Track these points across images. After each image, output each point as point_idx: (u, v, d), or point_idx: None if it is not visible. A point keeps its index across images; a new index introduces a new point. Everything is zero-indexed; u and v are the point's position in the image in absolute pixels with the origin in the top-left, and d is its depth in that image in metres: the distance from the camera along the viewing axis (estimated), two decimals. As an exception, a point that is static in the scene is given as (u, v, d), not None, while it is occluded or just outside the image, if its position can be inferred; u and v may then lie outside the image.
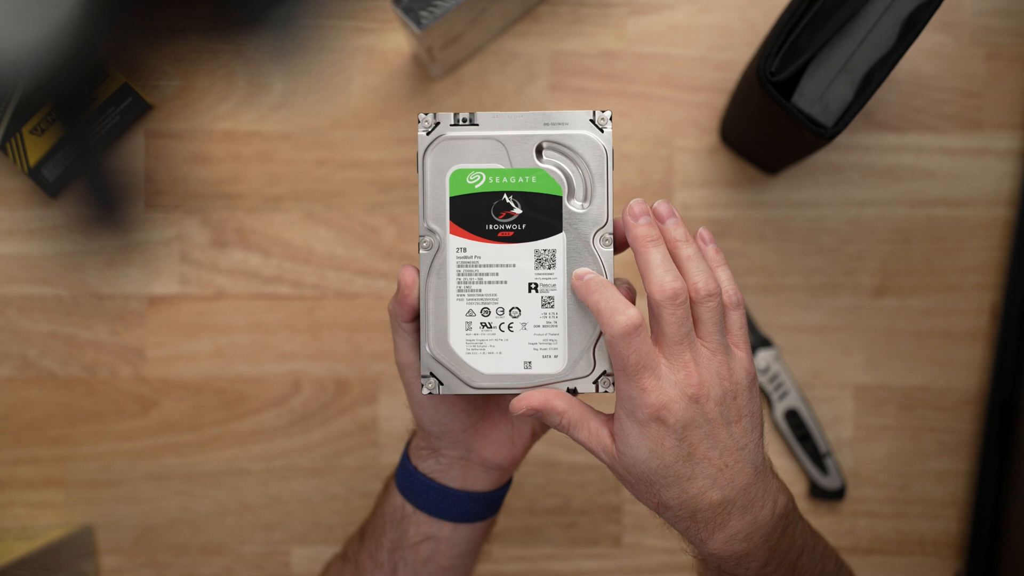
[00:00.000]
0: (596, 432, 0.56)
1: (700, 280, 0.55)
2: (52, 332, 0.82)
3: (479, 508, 0.64)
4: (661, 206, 0.57)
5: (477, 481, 0.63)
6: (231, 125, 0.82)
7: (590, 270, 0.56)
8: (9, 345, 0.82)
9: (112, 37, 0.30)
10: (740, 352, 0.56)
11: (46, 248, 0.82)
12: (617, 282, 0.57)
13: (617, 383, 0.54)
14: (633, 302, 0.57)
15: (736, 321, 0.57)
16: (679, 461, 0.54)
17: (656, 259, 0.54)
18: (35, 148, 0.79)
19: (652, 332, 0.55)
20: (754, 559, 0.57)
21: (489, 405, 0.62)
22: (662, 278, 0.54)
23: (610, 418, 0.56)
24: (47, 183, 0.80)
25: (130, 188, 0.83)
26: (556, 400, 0.56)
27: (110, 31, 0.29)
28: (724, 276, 0.57)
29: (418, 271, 0.57)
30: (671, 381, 0.53)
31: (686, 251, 0.56)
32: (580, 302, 0.57)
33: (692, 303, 0.55)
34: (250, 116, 0.82)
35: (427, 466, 0.63)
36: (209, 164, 0.82)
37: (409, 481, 0.63)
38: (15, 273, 0.82)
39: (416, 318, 0.58)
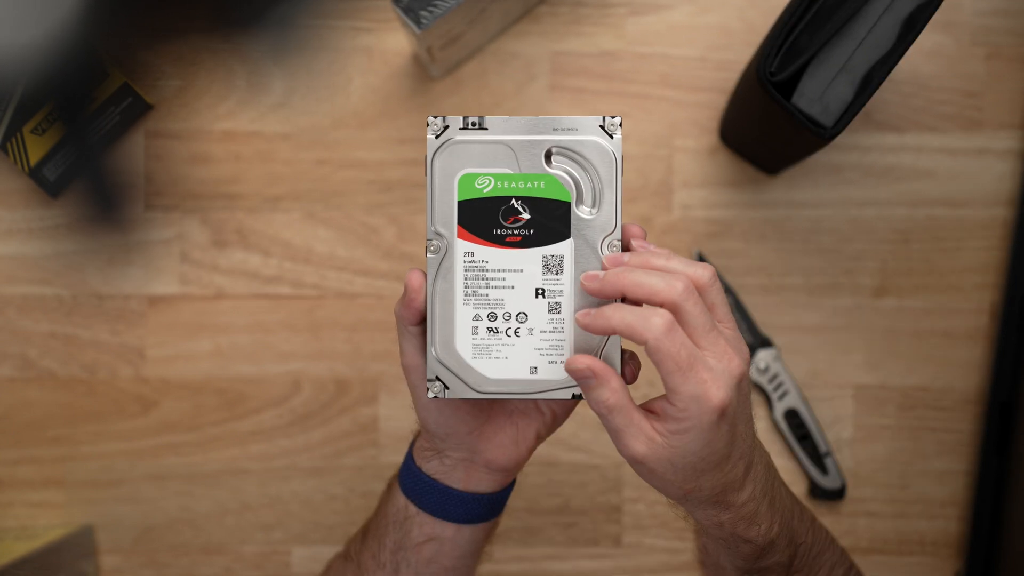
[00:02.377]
0: (637, 423, 0.54)
1: (695, 271, 0.54)
2: (52, 332, 0.82)
3: (483, 509, 0.64)
4: (633, 239, 0.57)
5: (481, 482, 0.63)
6: (231, 125, 0.82)
7: (589, 309, 0.54)
8: (9, 345, 0.82)
9: (112, 37, 0.30)
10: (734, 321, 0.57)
11: (46, 248, 0.82)
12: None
13: (674, 386, 0.52)
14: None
15: (730, 300, 0.56)
16: (726, 446, 0.54)
17: (641, 277, 0.54)
18: (36, 148, 0.79)
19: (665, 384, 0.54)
20: (762, 518, 0.57)
21: (494, 408, 0.62)
22: (665, 282, 0.53)
23: (650, 418, 0.55)
24: (48, 183, 0.80)
25: (130, 188, 0.84)
26: (613, 376, 0.54)
27: (110, 31, 0.30)
28: (678, 264, 0.56)
29: (425, 275, 0.57)
30: (720, 370, 0.53)
31: (659, 260, 0.55)
32: (587, 308, 0.56)
33: (701, 291, 0.55)
34: (250, 116, 0.82)
35: (431, 467, 0.63)
36: (209, 164, 0.82)
37: (413, 482, 0.63)
38: (15, 273, 0.82)
39: (422, 321, 0.58)
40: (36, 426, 0.82)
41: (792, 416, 0.81)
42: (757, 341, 0.82)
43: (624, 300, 0.55)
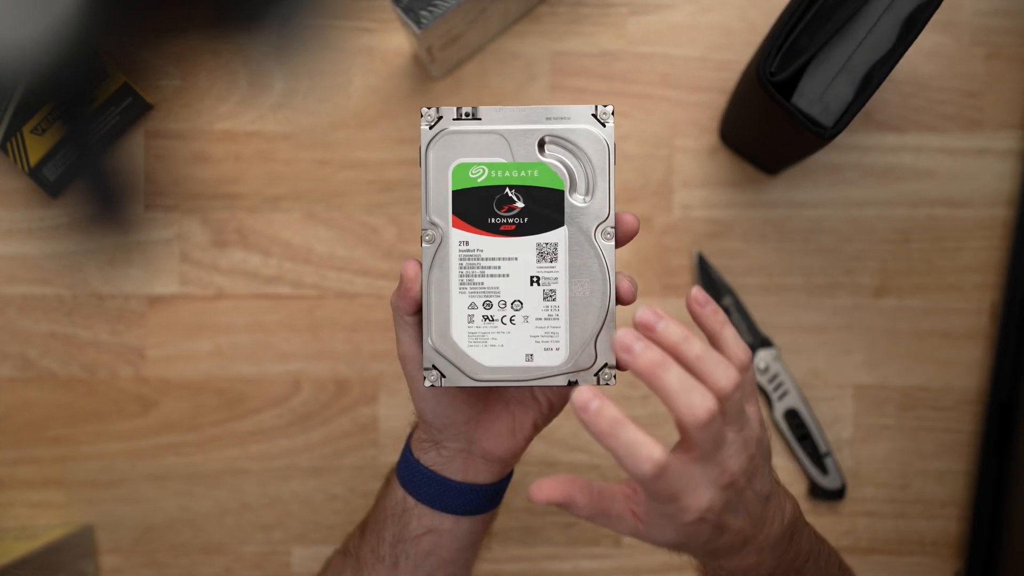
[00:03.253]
0: (617, 516, 0.54)
1: (721, 379, 0.51)
2: (52, 332, 0.82)
3: (481, 500, 0.64)
4: (644, 315, 0.52)
5: (479, 473, 0.63)
6: (231, 125, 0.82)
7: (596, 399, 0.50)
8: (9, 345, 0.82)
9: (112, 37, 0.30)
10: (752, 408, 0.54)
11: (47, 248, 0.82)
12: (618, 275, 0.57)
13: (650, 499, 0.52)
14: (635, 295, 0.57)
15: (748, 380, 0.54)
16: (712, 541, 0.54)
17: (674, 384, 0.50)
18: (36, 148, 0.79)
19: (683, 444, 0.52)
20: (763, 567, 0.57)
21: (491, 397, 0.62)
22: (688, 402, 0.50)
23: (629, 488, 0.55)
24: (48, 183, 0.80)
25: (130, 188, 0.84)
26: (577, 494, 0.54)
27: (110, 30, 0.30)
28: (730, 337, 0.55)
29: (421, 265, 0.57)
30: (705, 482, 0.52)
31: (694, 350, 0.51)
32: (582, 296, 0.57)
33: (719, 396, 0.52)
34: (250, 116, 0.82)
35: (429, 458, 0.63)
36: (209, 164, 0.82)
37: (411, 474, 0.64)
38: (15, 273, 0.82)
39: (418, 311, 0.58)
40: (36, 426, 0.82)
41: (792, 416, 0.81)
42: (757, 341, 0.82)
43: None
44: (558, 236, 0.57)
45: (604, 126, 0.57)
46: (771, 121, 0.70)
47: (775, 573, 0.58)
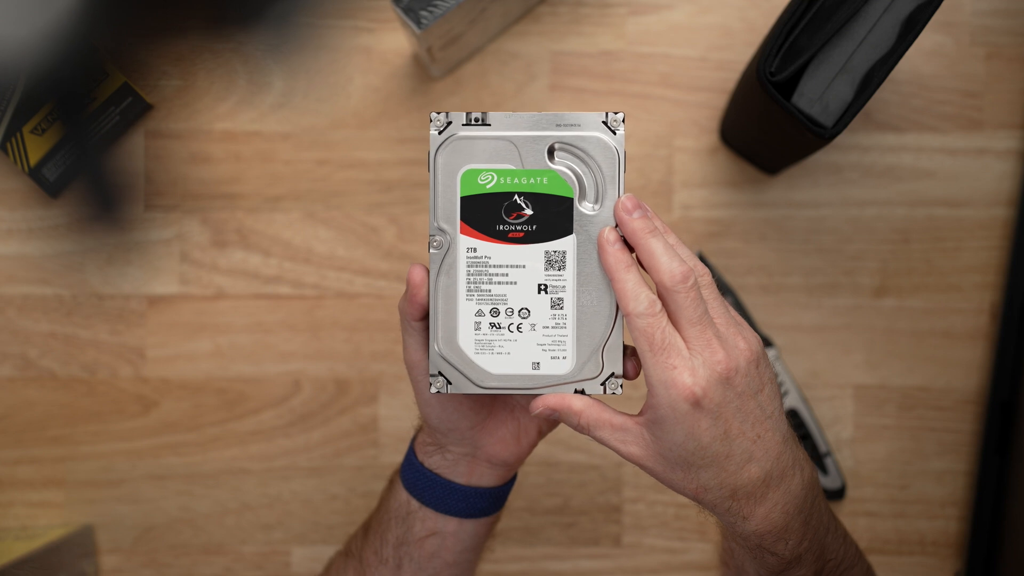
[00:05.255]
0: (621, 426, 0.56)
1: (694, 263, 0.56)
2: (52, 332, 0.82)
3: (485, 503, 0.64)
4: (630, 201, 0.57)
5: (483, 477, 0.63)
6: (231, 125, 0.82)
7: (617, 235, 0.56)
8: (9, 345, 0.82)
9: (111, 36, 0.30)
10: (745, 324, 0.57)
11: (46, 248, 0.82)
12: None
13: (646, 370, 0.54)
14: None
15: (730, 300, 0.57)
16: (716, 441, 0.54)
17: (660, 247, 0.55)
18: (35, 148, 0.79)
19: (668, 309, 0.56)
20: (792, 534, 0.57)
21: (496, 403, 0.62)
22: (670, 264, 0.54)
23: (632, 416, 0.56)
24: (47, 183, 0.80)
25: (130, 188, 0.84)
26: (574, 400, 0.56)
27: (110, 30, 0.30)
28: (659, 249, 0.58)
29: (427, 270, 0.57)
30: (699, 361, 0.54)
31: (671, 239, 0.57)
32: (590, 305, 0.57)
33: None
34: (250, 116, 0.82)
35: (433, 462, 0.63)
36: (209, 164, 0.82)
37: (415, 477, 0.64)
38: (15, 273, 0.82)
39: (425, 317, 0.58)
40: (36, 426, 0.82)
41: (792, 416, 0.81)
42: (757, 341, 0.82)
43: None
44: (567, 244, 0.57)
45: (615, 133, 0.57)
46: (771, 121, 0.70)
47: (803, 541, 0.57)
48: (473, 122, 0.57)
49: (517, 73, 0.82)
